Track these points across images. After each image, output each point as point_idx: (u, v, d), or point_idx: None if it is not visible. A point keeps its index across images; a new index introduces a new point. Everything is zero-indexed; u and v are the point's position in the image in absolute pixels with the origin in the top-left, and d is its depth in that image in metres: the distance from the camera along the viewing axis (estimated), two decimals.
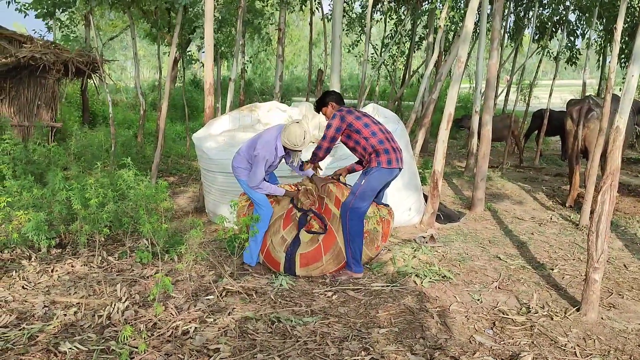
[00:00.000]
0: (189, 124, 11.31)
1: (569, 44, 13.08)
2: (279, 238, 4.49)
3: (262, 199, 4.51)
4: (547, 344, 3.38)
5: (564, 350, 3.32)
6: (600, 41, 14.15)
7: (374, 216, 4.63)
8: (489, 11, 9.25)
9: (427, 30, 13.37)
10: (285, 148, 4.40)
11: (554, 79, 12.28)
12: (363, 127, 4.31)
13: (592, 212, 5.65)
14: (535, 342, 3.39)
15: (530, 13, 12.99)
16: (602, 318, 3.80)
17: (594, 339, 3.47)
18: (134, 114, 14.70)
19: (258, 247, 4.54)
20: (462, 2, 9.19)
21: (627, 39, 12.15)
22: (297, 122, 4.29)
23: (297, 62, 33.93)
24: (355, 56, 16.24)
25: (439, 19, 8.87)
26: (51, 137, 8.56)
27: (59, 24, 9.12)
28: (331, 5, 11.29)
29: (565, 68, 14.19)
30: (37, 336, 3.21)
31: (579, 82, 15.88)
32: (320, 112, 4.67)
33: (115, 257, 4.71)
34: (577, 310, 3.86)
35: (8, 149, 6.08)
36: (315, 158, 4.58)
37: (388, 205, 4.89)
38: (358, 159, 4.68)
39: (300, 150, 4.43)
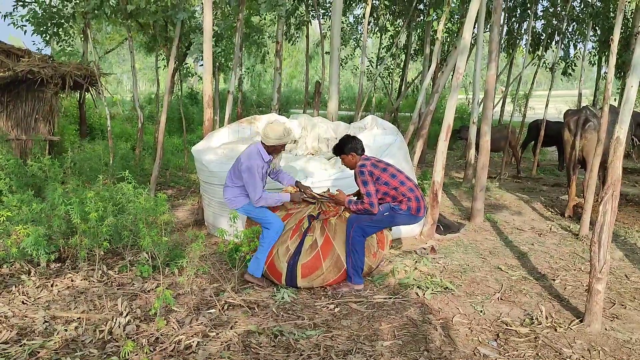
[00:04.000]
0: (187, 136, 11.31)
1: (564, 56, 13.19)
2: (285, 248, 4.47)
3: (269, 216, 4.43)
4: (552, 356, 3.37)
5: None
6: (595, 52, 14.28)
7: None
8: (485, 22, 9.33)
9: (423, 42, 13.49)
10: (268, 151, 4.38)
11: (549, 89, 12.37)
12: (390, 178, 4.30)
13: (592, 223, 5.66)
14: (540, 354, 3.38)
15: (525, 25, 13.12)
16: (605, 329, 3.79)
17: (598, 350, 3.46)
18: (131, 127, 14.70)
19: (265, 259, 4.49)
20: (459, 14, 9.27)
21: (620, 49, 12.27)
22: (271, 122, 4.35)
23: (295, 74, 34.10)
24: (351, 68, 16.35)
25: (435, 30, 8.94)
26: (48, 151, 8.52)
27: (57, 38, 9.15)
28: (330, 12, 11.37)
29: (561, 79, 14.25)
30: (38, 352, 3.18)
31: (574, 93, 15.99)
32: (339, 157, 4.56)
33: (116, 271, 4.68)
34: (581, 321, 3.85)
35: (3, 164, 6.04)
36: (366, 206, 4.30)
37: None
38: None
39: (284, 145, 4.42)
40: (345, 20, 14.72)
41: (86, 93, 10.23)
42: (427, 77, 9.32)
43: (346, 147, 4.40)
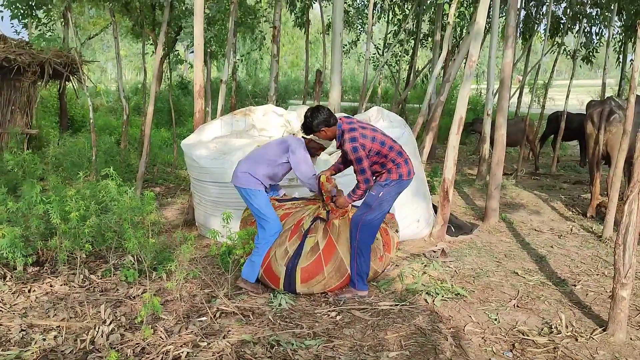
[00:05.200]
0: (176, 129, 11.31)
1: (586, 41, 13.15)
2: (283, 250, 4.46)
3: (270, 214, 4.41)
4: None
5: None
6: (620, 37, 14.24)
7: None
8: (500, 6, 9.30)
9: (434, 27, 13.45)
10: (307, 145, 4.44)
11: (571, 79, 12.34)
12: (380, 146, 4.24)
13: (616, 223, 5.65)
14: None
15: (544, 8, 13.07)
16: (630, 338, 3.79)
17: None
18: (115, 119, 14.70)
19: (260, 263, 4.48)
20: None
21: None
22: None
23: (298, 62, 34.09)
24: (355, 56, 16.37)
25: (447, 14, 8.92)
26: (26, 145, 8.54)
27: (36, 22, 9.13)
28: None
29: (580, 66, 14.22)
30: None
31: (597, 82, 15.98)
32: (312, 136, 4.37)
33: (98, 276, 4.69)
34: (604, 330, 3.85)
35: None
36: (363, 186, 4.32)
37: None
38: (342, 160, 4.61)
39: (319, 150, 4.52)
40: (352, 2, 14.69)
41: (67, 82, 10.24)
42: (438, 65, 9.30)
43: (314, 124, 4.22)
